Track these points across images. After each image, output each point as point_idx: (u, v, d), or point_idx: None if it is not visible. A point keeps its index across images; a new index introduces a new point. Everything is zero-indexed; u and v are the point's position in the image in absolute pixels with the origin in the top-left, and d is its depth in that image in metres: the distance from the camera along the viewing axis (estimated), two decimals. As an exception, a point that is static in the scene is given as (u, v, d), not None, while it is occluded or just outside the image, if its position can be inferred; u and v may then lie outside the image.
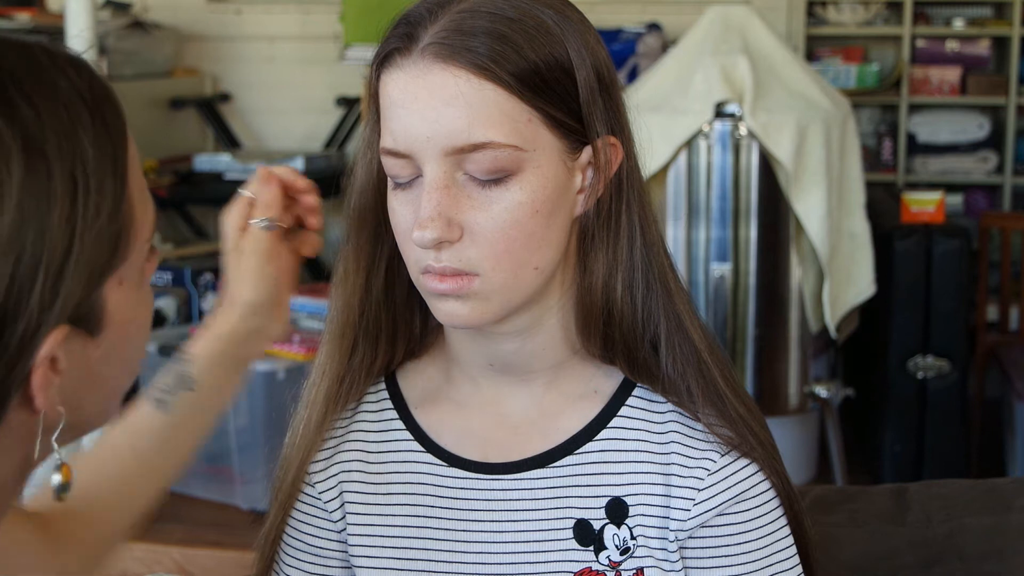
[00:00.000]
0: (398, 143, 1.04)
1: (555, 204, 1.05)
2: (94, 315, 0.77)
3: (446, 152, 1.02)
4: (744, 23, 3.51)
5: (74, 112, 0.76)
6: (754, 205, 3.33)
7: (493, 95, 1.01)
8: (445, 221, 1.01)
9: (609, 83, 1.08)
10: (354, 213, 1.14)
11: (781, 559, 1.12)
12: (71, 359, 0.76)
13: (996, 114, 4.90)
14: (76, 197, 0.74)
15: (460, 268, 1.03)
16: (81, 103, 0.77)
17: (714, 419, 1.11)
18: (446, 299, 1.05)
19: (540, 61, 1.03)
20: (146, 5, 4.84)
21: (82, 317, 0.76)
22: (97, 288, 0.76)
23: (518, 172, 1.02)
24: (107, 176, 0.76)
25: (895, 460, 3.68)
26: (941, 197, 3.72)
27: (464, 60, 1.01)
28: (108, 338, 0.78)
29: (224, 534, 2.97)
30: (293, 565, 1.17)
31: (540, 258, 1.05)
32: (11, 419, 0.75)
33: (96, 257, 0.75)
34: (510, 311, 1.06)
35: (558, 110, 1.04)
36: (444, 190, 1.02)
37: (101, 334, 0.78)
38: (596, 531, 1.11)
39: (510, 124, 1.02)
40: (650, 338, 1.12)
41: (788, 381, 3.46)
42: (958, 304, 3.66)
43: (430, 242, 1.02)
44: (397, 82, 1.04)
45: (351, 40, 4.05)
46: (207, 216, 4.84)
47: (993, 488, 1.54)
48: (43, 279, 0.72)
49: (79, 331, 0.76)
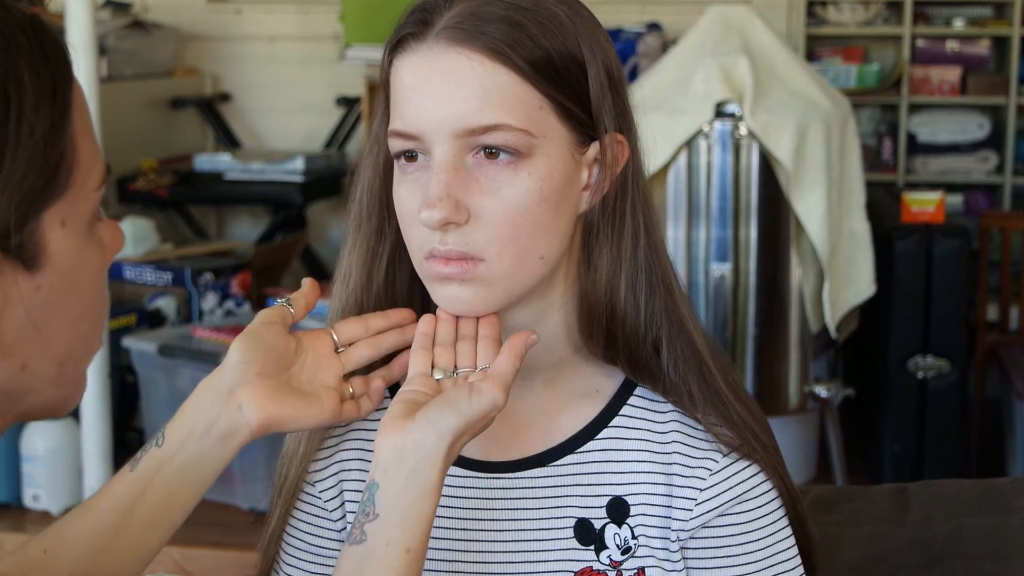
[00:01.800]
0: (408, 125, 1.04)
1: (562, 194, 1.05)
2: (30, 247, 0.75)
3: (457, 134, 1.02)
4: (744, 23, 3.51)
5: (9, 37, 0.75)
6: (754, 205, 3.33)
7: (507, 79, 1.02)
8: (453, 202, 1.02)
9: (618, 81, 1.09)
10: (358, 207, 1.15)
11: (783, 559, 1.12)
12: (5, 297, 0.75)
13: (996, 114, 4.90)
14: (8, 112, 0.73)
15: (466, 252, 1.03)
16: (19, 32, 0.76)
17: (716, 422, 1.11)
18: (449, 284, 1.05)
19: (553, 51, 1.04)
20: (146, 5, 4.83)
21: (15, 246, 0.75)
22: (32, 218, 0.75)
23: (528, 158, 1.03)
24: (43, 102, 0.76)
25: (895, 460, 3.68)
26: (941, 197, 3.72)
27: (479, 44, 1.02)
28: (48, 281, 0.77)
29: (224, 534, 2.97)
30: (294, 565, 1.17)
31: (546, 247, 1.05)
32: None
33: (29, 180, 0.74)
34: (512, 300, 1.06)
35: (569, 100, 1.05)
36: (453, 172, 1.02)
37: (39, 273, 0.76)
38: (597, 530, 1.11)
39: (522, 109, 1.03)
40: (652, 340, 1.12)
41: (788, 381, 3.46)
42: (958, 304, 3.66)
43: (438, 222, 1.02)
44: (411, 65, 1.05)
45: (351, 40, 4.04)
46: (207, 216, 4.84)
47: (993, 488, 1.54)
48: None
49: (12, 261, 0.75)
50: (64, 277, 0.78)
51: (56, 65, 0.78)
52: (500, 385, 1.00)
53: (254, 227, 4.82)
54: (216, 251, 4.02)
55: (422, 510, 0.97)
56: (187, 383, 3.13)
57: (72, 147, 0.78)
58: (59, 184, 0.77)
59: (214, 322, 3.51)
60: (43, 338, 0.78)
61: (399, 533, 0.97)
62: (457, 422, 0.98)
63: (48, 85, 0.76)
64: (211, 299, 3.63)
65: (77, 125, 0.78)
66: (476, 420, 0.99)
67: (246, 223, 4.94)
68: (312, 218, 4.69)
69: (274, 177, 4.32)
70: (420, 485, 0.97)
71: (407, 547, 0.96)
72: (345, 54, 4.06)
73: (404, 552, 0.96)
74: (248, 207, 4.84)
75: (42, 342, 0.78)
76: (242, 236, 4.84)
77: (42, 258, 0.76)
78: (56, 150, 0.76)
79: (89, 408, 2.89)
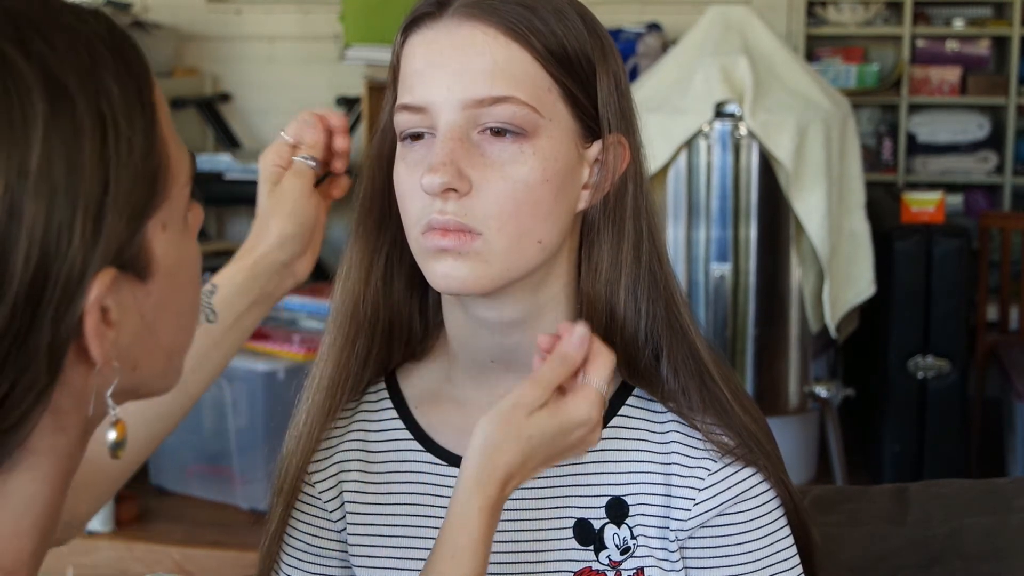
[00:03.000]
0: (416, 97, 1.05)
1: (564, 181, 1.05)
2: (141, 258, 0.76)
3: (465, 104, 1.02)
4: (744, 23, 3.51)
5: (93, 51, 0.75)
6: (754, 205, 3.33)
7: (519, 55, 1.03)
8: (456, 169, 1.02)
9: (625, 90, 1.10)
10: (361, 201, 1.15)
11: (781, 559, 1.12)
12: (122, 309, 0.75)
13: (996, 114, 4.90)
14: (106, 132, 0.73)
15: (464, 224, 1.02)
16: (100, 43, 0.76)
17: (716, 428, 1.11)
18: (445, 258, 1.04)
19: (566, 41, 1.05)
20: (146, 5, 4.83)
21: (128, 261, 0.75)
22: (140, 229, 0.76)
23: (533, 136, 1.03)
24: (135, 113, 0.76)
25: (895, 460, 3.68)
26: (941, 197, 3.72)
27: (495, 20, 1.03)
28: (158, 286, 0.78)
29: (224, 534, 2.97)
30: (293, 565, 1.17)
31: (544, 232, 1.05)
32: (69, 376, 0.74)
33: (135, 195, 0.75)
34: (507, 282, 1.05)
35: (578, 90, 1.06)
36: (458, 141, 1.03)
37: (151, 280, 0.77)
38: (596, 530, 1.11)
39: (531, 86, 1.03)
40: (652, 348, 1.11)
41: (788, 381, 3.46)
42: (958, 304, 3.66)
43: (439, 186, 1.01)
44: (424, 41, 1.06)
45: (351, 40, 4.04)
46: (207, 216, 4.84)
47: (993, 488, 1.54)
48: (82, 217, 0.71)
49: (127, 275, 0.75)
50: (170, 278, 0.79)
51: (139, 74, 0.78)
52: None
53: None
54: (216, 251, 4.02)
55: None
56: (187, 383, 3.13)
57: (164, 151, 0.78)
58: (159, 192, 0.77)
59: (214, 322, 3.51)
60: (153, 338, 0.79)
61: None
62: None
63: (135, 93, 0.76)
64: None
65: (164, 126, 0.79)
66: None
67: (246, 223, 4.93)
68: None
69: (274, 177, 4.32)
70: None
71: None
72: (345, 54, 4.05)
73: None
74: (248, 207, 4.81)
75: (152, 341, 0.79)
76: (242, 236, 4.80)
77: (152, 266, 0.77)
78: (153, 160, 0.77)
79: (89, 408, 2.89)
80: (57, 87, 0.72)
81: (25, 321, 0.70)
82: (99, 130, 0.73)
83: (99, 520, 2.93)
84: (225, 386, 3.04)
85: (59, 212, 0.71)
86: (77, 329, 0.72)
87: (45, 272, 0.70)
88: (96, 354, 0.74)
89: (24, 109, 0.70)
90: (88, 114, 0.72)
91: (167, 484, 3.21)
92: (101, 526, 2.94)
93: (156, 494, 3.20)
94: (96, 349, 0.74)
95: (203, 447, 3.16)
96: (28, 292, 0.70)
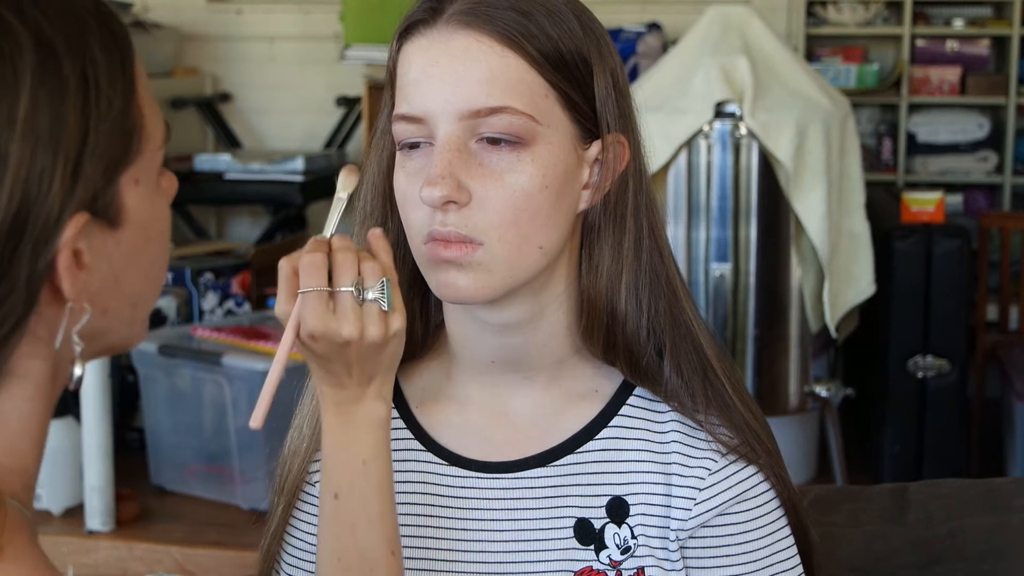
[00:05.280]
0: (413, 107, 1.04)
1: (563, 185, 1.05)
2: (113, 207, 0.83)
3: (462, 115, 1.02)
4: (744, 23, 3.51)
5: (82, 21, 0.82)
6: (754, 205, 3.33)
7: (515, 63, 1.03)
8: (455, 181, 1.02)
9: (623, 87, 1.10)
10: (362, 203, 1.15)
11: (781, 559, 1.12)
12: (94, 254, 0.82)
13: (996, 114, 4.90)
14: (88, 91, 0.80)
15: (465, 235, 1.03)
16: (89, 15, 0.83)
17: (718, 424, 1.11)
18: (447, 269, 1.04)
19: (562, 43, 1.05)
20: (146, 5, 4.83)
21: (101, 208, 0.82)
22: (114, 180, 0.83)
23: (531, 144, 1.03)
24: (116, 78, 0.83)
25: (895, 460, 3.68)
26: (941, 197, 3.72)
27: (489, 28, 1.03)
28: (128, 236, 0.84)
29: (224, 534, 2.97)
30: (294, 565, 1.17)
31: (545, 237, 1.05)
32: (44, 310, 0.81)
33: (111, 149, 0.82)
34: (510, 290, 1.06)
35: (575, 93, 1.06)
36: (456, 152, 1.03)
37: (120, 229, 0.84)
38: (597, 530, 1.11)
39: (528, 94, 1.03)
40: (655, 344, 1.11)
41: (788, 381, 3.46)
42: (958, 304, 3.65)
43: (439, 199, 1.02)
44: (419, 49, 1.05)
45: (351, 40, 4.04)
46: (207, 216, 4.84)
47: (993, 488, 1.54)
48: (62, 164, 0.79)
49: (99, 221, 0.82)
50: (140, 231, 0.85)
51: (122, 41, 0.85)
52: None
53: (254, 227, 4.82)
54: (216, 251, 4.01)
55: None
56: (187, 383, 3.13)
57: (140, 114, 0.85)
58: (133, 149, 0.84)
59: (214, 322, 3.51)
60: (121, 286, 0.85)
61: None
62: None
63: (118, 61, 0.84)
64: (211, 299, 3.63)
65: (142, 93, 0.86)
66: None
67: (246, 223, 4.93)
68: (312, 218, 4.69)
69: (274, 177, 4.32)
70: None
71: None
72: (345, 54, 4.06)
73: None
74: (248, 207, 4.83)
75: (120, 289, 0.85)
76: (242, 236, 4.84)
77: (122, 216, 0.84)
78: (130, 119, 0.84)
79: (89, 408, 2.89)
80: (47, 48, 0.79)
81: (7, 254, 0.78)
82: (82, 88, 0.80)
83: (99, 520, 2.93)
84: (225, 386, 3.04)
85: (42, 158, 0.78)
86: (52, 265, 0.79)
87: (27, 211, 0.78)
88: (67, 291, 0.80)
89: (16, 65, 0.78)
90: (73, 74, 0.80)
91: (167, 484, 3.21)
92: (101, 526, 2.93)
93: (156, 494, 3.19)
94: (68, 286, 0.80)
95: (203, 447, 3.16)
96: (10, 228, 0.78)
